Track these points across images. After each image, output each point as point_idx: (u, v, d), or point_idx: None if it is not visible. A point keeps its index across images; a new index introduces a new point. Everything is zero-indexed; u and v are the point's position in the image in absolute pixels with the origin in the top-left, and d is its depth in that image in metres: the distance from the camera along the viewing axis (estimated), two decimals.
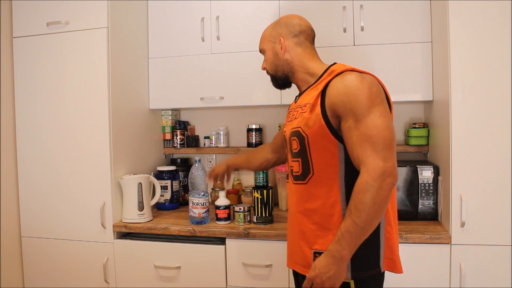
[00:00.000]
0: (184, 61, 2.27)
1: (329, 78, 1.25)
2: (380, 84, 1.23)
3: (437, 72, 1.91)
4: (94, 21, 2.00)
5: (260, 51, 1.49)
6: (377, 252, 1.23)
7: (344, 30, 2.04)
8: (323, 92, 1.24)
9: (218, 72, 2.22)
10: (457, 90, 1.67)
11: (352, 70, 1.24)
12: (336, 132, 1.21)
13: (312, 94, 1.29)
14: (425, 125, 2.16)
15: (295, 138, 1.30)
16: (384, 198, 1.13)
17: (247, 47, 2.18)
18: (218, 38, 2.21)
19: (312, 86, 1.32)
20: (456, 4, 1.66)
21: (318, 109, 1.22)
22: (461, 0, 1.65)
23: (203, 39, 2.23)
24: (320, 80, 1.30)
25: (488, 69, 1.64)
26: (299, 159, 1.28)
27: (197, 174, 2.09)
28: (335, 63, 1.35)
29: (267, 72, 1.48)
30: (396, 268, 1.26)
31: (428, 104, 2.15)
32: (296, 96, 1.44)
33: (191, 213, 1.95)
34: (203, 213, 1.94)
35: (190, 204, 1.96)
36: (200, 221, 1.95)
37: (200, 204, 1.93)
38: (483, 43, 1.64)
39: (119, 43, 2.07)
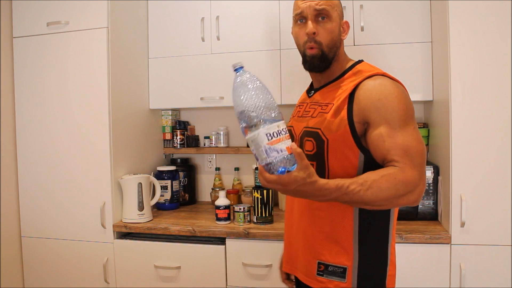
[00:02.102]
0: (184, 61, 2.27)
1: (357, 79, 1.15)
2: (407, 92, 1.16)
3: (437, 72, 1.91)
4: (94, 21, 2.00)
5: (320, 12, 1.18)
6: (384, 269, 1.18)
7: None
8: (350, 95, 1.13)
9: (218, 72, 2.22)
10: (457, 90, 1.67)
11: (383, 74, 1.15)
12: (359, 140, 1.12)
13: (334, 94, 1.18)
14: (425, 125, 2.16)
15: (311, 139, 1.19)
16: (393, 206, 1.09)
17: (247, 47, 2.18)
18: (218, 38, 2.21)
19: (334, 83, 1.22)
20: (456, 4, 1.66)
21: (344, 113, 1.12)
22: (461, 0, 1.65)
23: (203, 39, 2.23)
24: (343, 78, 1.21)
25: (488, 69, 1.64)
26: (314, 163, 1.18)
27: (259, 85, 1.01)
28: (361, 61, 1.25)
29: (317, 45, 1.19)
30: (393, 283, 1.22)
31: (428, 104, 2.15)
32: (311, 90, 1.32)
33: (273, 153, 0.94)
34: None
35: (265, 141, 0.93)
36: (290, 164, 0.96)
37: (283, 132, 0.96)
38: (483, 43, 1.64)
39: (119, 43, 2.07)
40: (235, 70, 1.02)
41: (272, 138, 0.94)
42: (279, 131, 0.95)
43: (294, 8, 1.24)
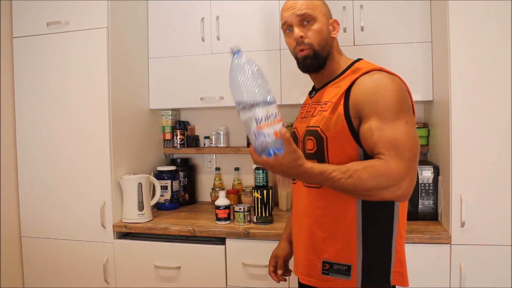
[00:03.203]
0: (184, 61, 2.27)
1: (354, 76, 1.16)
2: (406, 87, 1.15)
3: (437, 72, 1.91)
4: (94, 21, 2.00)
5: (303, 16, 1.21)
6: (388, 266, 1.18)
7: (344, 30, 2.04)
8: (347, 91, 1.14)
9: (218, 72, 2.22)
10: (457, 90, 1.67)
11: (380, 69, 1.15)
12: (357, 135, 1.12)
13: (333, 92, 1.19)
14: (425, 125, 2.16)
15: (311, 138, 1.20)
16: (378, 198, 1.07)
17: (247, 47, 2.17)
18: (218, 38, 2.21)
19: (333, 82, 1.23)
20: (456, 4, 1.66)
21: (340, 109, 1.13)
22: (461, 0, 1.65)
23: (203, 39, 2.23)
24: (343, 76, 1.21)
25: (488, 69, 1.64)
26: (315, 161, 1.17)
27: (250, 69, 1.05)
28: (360, 60, 1.25)
29: (307, 46, 1.21)
30: (404, 281, 1.21)
31: (428, 104, 2.15)
32: (312, 91, 1.34)
33: (261, 137, 0.98)
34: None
35: (254, 125, 0.97)
36: (278, 147, 1.00)
37: (272, 117, 0.98)
38: (483, 43, 1.64)
39: (119, 43, 2.07)
40: (234, 53, 1.04)
41: (260, 122, 0.96)
42: (268, 116, 0.97)
43: (280, 19, 1.27)
